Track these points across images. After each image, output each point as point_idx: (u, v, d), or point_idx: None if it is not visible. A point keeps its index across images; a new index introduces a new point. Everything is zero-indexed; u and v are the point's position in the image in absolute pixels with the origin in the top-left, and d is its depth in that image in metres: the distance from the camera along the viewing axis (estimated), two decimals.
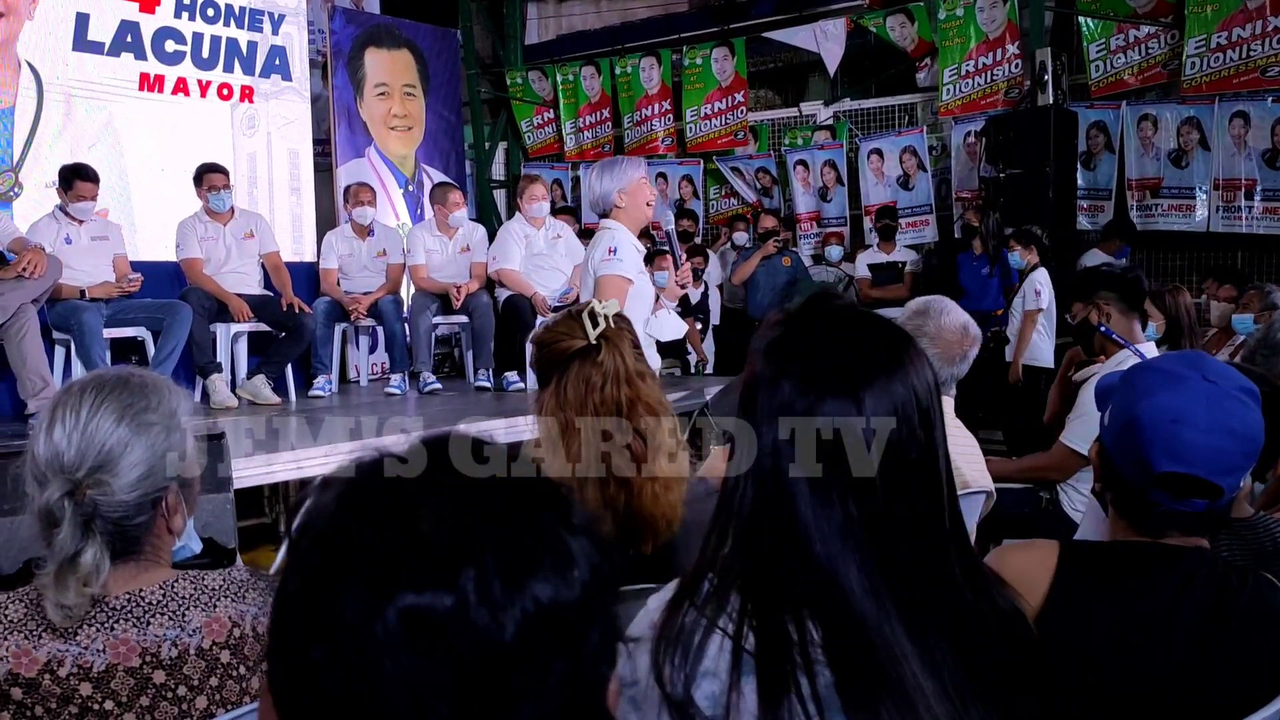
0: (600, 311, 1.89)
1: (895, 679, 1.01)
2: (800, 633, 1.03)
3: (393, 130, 8.82)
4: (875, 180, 8.90)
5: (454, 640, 0.62)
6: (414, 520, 0.65)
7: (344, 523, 0.67)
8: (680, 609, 1.09)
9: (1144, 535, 1.45)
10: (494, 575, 0.63)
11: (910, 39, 8.63)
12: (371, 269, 6.82)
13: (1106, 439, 1.49)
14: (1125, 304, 3.34)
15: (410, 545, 0.64)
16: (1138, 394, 1.43)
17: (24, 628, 1.34)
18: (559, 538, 0.68)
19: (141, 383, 1.42)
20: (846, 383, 1.08)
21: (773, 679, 1.02)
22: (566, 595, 0.66)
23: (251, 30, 7.56)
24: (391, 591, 0.62)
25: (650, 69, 9.85)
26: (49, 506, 1.32)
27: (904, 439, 1.08)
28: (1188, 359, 1.48)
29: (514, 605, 0.63)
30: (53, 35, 6.52)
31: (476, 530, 0.65)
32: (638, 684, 1.11)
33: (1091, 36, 7.92)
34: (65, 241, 5.47)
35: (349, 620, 0.62)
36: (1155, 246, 7.91)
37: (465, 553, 0.64)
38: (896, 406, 1.08)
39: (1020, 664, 1.10)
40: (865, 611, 1.03)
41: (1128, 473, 1.43)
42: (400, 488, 0.68)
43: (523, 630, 0.63)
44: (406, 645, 0.61)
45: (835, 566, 1.05)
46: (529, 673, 0.63)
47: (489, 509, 0.67)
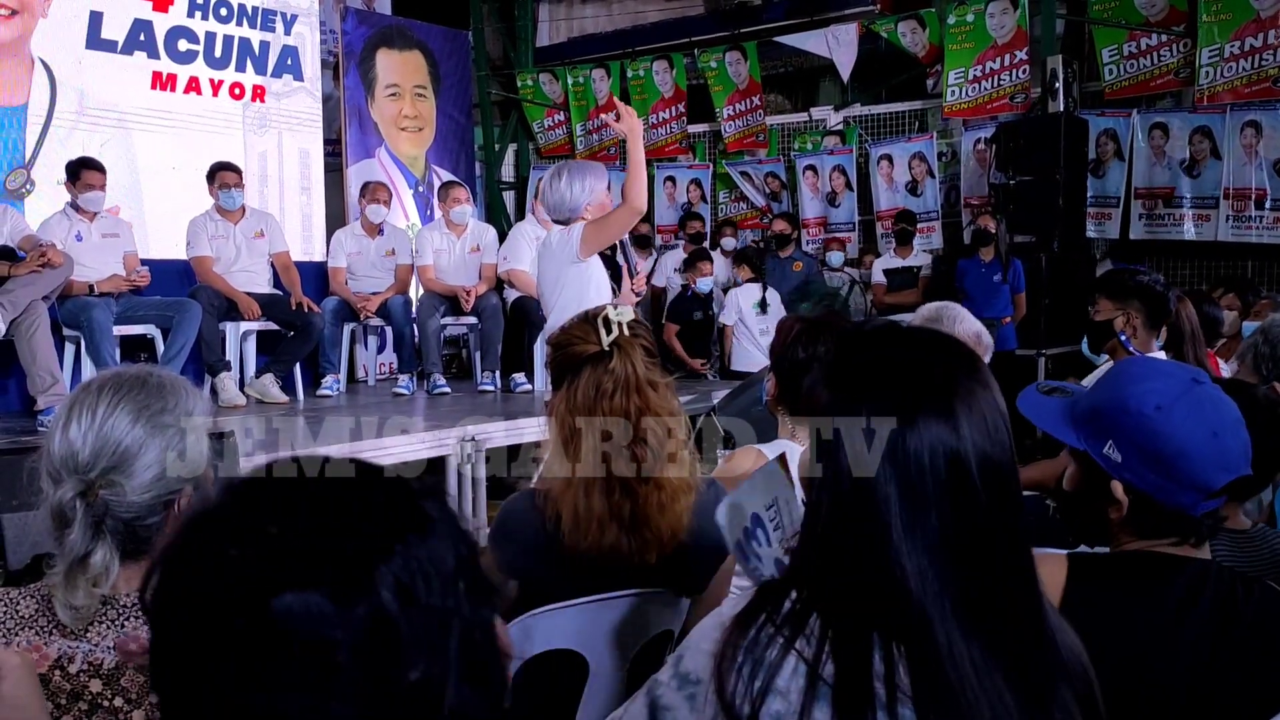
0: (615, 318, 1.89)
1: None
2: (887, 663, 1.02)
3: (403, 131, 8.84)
4: (885, 186, 8.90)
5: (335, 612, 0.66)
6: (268, 527, 0.70)
7: (211, 543, 0.72)
8: (755, 621, 1.08)
9: (1178, 542, 1.44)
10: (356, 551, 0.69)
11: (921, 45, 8.63)
12: (380, 268, 6.83)
13: (1133, 477, 1.42)
14: (1151, 318, 3.34)
15: (268, 552, 0.69)
16: (1163, 419, 1.39)
17: (34, 624, 1.34)
18: (412, 503, 0.75)
19: (160, 383, 1.42)
20: (942, 401, 1.07)
21: (850, 709, 1.01)
22: (432, 549, 0.72)
23: (264, 30, 7.59)
24: (262, 599, 0.67)
25: (664, 72, 9.86)
26: (61, 507, 1.32)
27: (994, 451, 1.07)
28: (1160, 368, 1.50)
29: (383, 568, 0.69)
30: (66, 33, 6.54)
31: (329, 520, 0.71)
32: (700, 684, 1.11)
33: (1104, 42, 7.92)
34: (76, 238, 5.49)
35: (232, 625, 0.67)
36: (1163, 255, 7.89)
37: (322, 541, 0.69)
38: (986, 418, 1.08)
39: (1085, 704, 1.10)
40: (949, 645, 1.02)
41: (1181, 499, 1.40)
42: (251, 503, 0.73)
43: (398, 587, 0.68)
44: (295, 628, 0.66)
45: (923, 595, 1.03)
46: (414, 620, 0.69)
47: (340, 499, 0.73)
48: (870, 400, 1.09)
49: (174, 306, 5.59)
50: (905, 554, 1.04)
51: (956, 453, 1.06)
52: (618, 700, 1.80)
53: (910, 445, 1.06)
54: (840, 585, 1.07)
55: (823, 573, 1.08)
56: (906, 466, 1.05)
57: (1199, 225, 7.63)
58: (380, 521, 0.71)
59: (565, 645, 1.83)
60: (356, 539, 0.69)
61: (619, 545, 1.85)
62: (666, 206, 9.90)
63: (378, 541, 0.70)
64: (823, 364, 1.17)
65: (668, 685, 1.15)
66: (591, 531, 1.83)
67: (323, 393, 6.34)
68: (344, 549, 0.68)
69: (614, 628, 1.86)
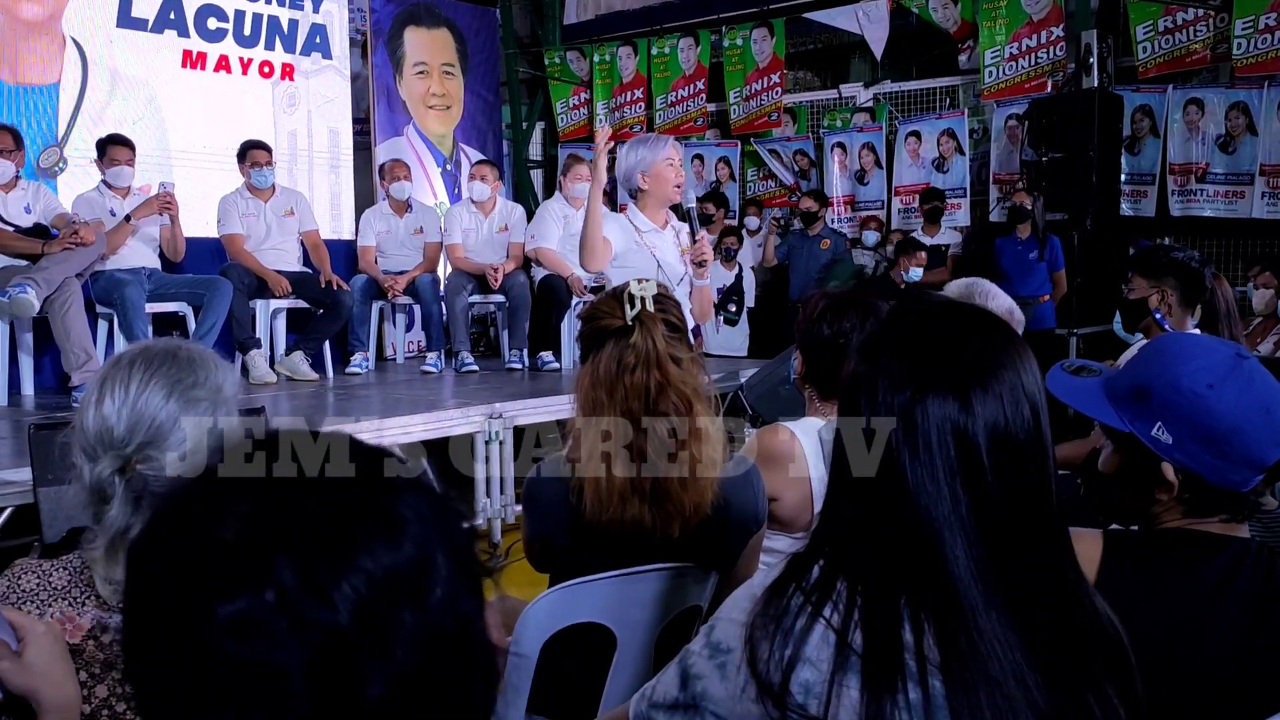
0: (638, 293, 1.89)
1: (1005, 698, 1.00)
2: (916, 633, 1.02)
3: (431, 109, 8.85)
4: (910, 162, 8.81)
5: (287, 629, 0.63)
6: (217, 531, 0.66)
7: (152, 551, 0.69)
8: (785, 591, 1.08)
9: (1226, 520, 1.43)
10: (313, 560, 0.64)
11: (953, 20, 8.52)
12: (409, 246, 6.86)
13: (1185, 457, 1.39)
14: (1186, 296, 3.31)
15: (214, 557, 0.65)
16: (1215, 396, 1.37)
17: (68, 595, 1.36)
18: (381, 503, 0.69)
19: (189, 357, 1.42)
20: (955, 378, 1.07)
21: (881, 682, 1.01)
22: (401, 557, 0.67)
23: (293, 8, 7.61)
24: (209, 605, 0.63)
25: (689, 49, 9.80)
26: (100, 482, 1.34)
27: (1015, 432, 1.07)
28: (1201, 343, 1.47)
29: (343, 582, 0.64)
30: (98, 12, 6.59)
31: (285, 522, 0.66)
32: (730, 653, 1.11)
33: (1139, 18, 7.79)
34: (109, 214, 5.55)
35: (181, 636, 0.64)
36: (1196, 233, 7.78)
37: (274, 548, 0.64)
38: (1005, 400, 1.07)
39: (1119, 679, 1.10)
40: (976, 613, 1.02)
41: (1231, 476, 1.39)
42: (203, 502, 0.69)
43: (358, 603, 0.64)
44: (241, 646, 0.63)
45: (948, 559, 1.03)
46: (373, 637, 0.64)
47: (299, 497, 0.68)
48: (887, 373, 1.09)
49: (205, 284, 5.64)
50: (927, 525, 1.04)
51: (965, 431, 1.05)
52: (645, 674, 1.81)
53: (916, 421, 1.06)
54: (864, 551, 1.07)
55: (847, 538, 1.09)
56: (915, 442, 1.06)
57: (1232, 202, 7.52)
58: (344, 529, 0.66)
59: (592, 619, 1.84)
60: (316, 550, 0.65)
61: (641, 518, 1.86)
62: (695, 184, 9.86)
63: (339, 552, 0.65)
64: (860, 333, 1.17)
65: (699, 655, 1.16)
66: (614, 504, 1.85)
67: (352, 370, 6.39)
68: (303, 561, 0.64)
69: (641, 602, 1.87)
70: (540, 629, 1.81)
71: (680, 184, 3.87)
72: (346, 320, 6.27)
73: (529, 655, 1.80)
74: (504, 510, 4.97)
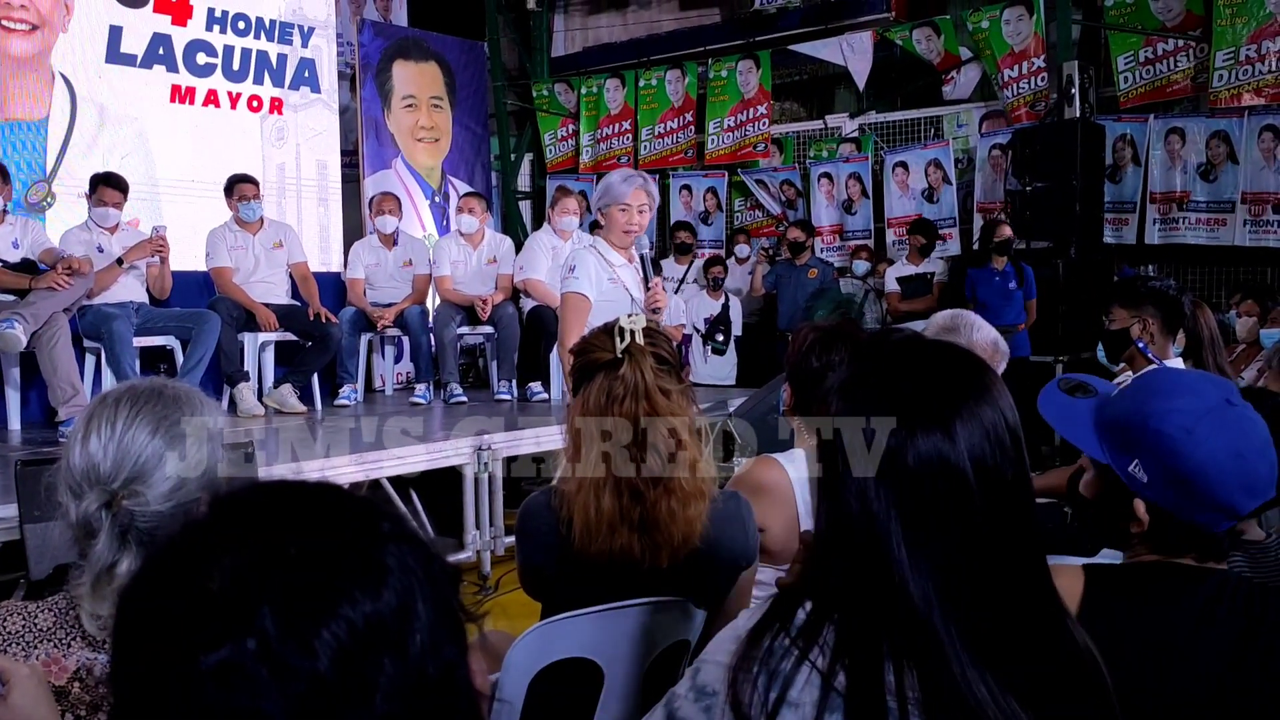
0: (628, 327, 1.91)
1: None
2: (898, 676, 1.02)
3: (420, 142, 8.88)
4: (900, 193, 8.88)
5: (269, 677, 0.64)
6: (203, 582, 0.67)
7: (141, 601, 0.70)
8: (769, 632, 1.08)
9: (1198, 558, 1.43)
10: (295, 608, 0.65)
11: (937, 52, 8.62)
12: (398, 279, 6.86)
13: (1156, 496, 1.40)
14: (1167, 323, 3.33)
15: (199, 607, 0.66)
16: (1190, 442, 1.37)
17: (54, 636, 1.36)
18: (364, 553, 0.70)
19: (175, 394, 1.44)
20: (938, 414, 1.08)
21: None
22: (382, 605, 0.68)
23: (281, 43, 7.65)
24: (193, 656, 0.64)
25: (676, 81, 9.88)
26: (87, 517, 1.34)
27: (999, 463, 1.07)
28: (1188, 384, 1.46)
29: (324, 631, 0.65)
30: (86, 48, 6.61)
31: (269, 572, 0.67)
32: (715, 696, 1.11)
33: (1120, 49, 7.89)
34: (97, 250, 5.56)
35: (166, 684, 0.65)
36: (1179, 260, 7.84)
37: (258, 597, 0.65)
38: (989, 431, 1.08)
39: (1097, 712, 1.10)
40: (956, 650, 1.02)
41: (1199, 518, 1.40)
42: (191, 553, 0.70)
43: (339, 650, 0.65)
44: (224, 694, 0.64)
45: (929, 614, 1.03)
46: (355, 684, 0.65)
47: (285, 548, 0.69)
48: (868, 414, 1.09)
49: (193, 318, 5.64)
50: (908, 571, 1.05)
51: (952, 467, 1.06)
52: (632, 708, 1.81)
53: (904, 461, 1.06)
54: (847, 597, 1.07)
55: (830, 584, 1.09)
56: (901, 483, 1.06)
57: (1214, 230, 7.59)
58: (326, 578, 0.67)
59: (579, 654, 1.84)
60: (298, 598, 0.66)
61: (630, 548, 1.87)
62: (684, 215, 9.91)
63: (320, 601, 0.66)
64: (836, 375, 1.18)
65: (685, 698, 1.16)
66: (602, 533, 1.86)
67: (340, 402, 6.38)
68: (284, 609, 0.65)
69: (628, 636, 1.86)
70: (527, 664, 1.80)
71: (631, 229, 3.92)
72: (335, 352, 6.26)
73: (516, 692, 1.79)
74: (494, 542, 4.95)
